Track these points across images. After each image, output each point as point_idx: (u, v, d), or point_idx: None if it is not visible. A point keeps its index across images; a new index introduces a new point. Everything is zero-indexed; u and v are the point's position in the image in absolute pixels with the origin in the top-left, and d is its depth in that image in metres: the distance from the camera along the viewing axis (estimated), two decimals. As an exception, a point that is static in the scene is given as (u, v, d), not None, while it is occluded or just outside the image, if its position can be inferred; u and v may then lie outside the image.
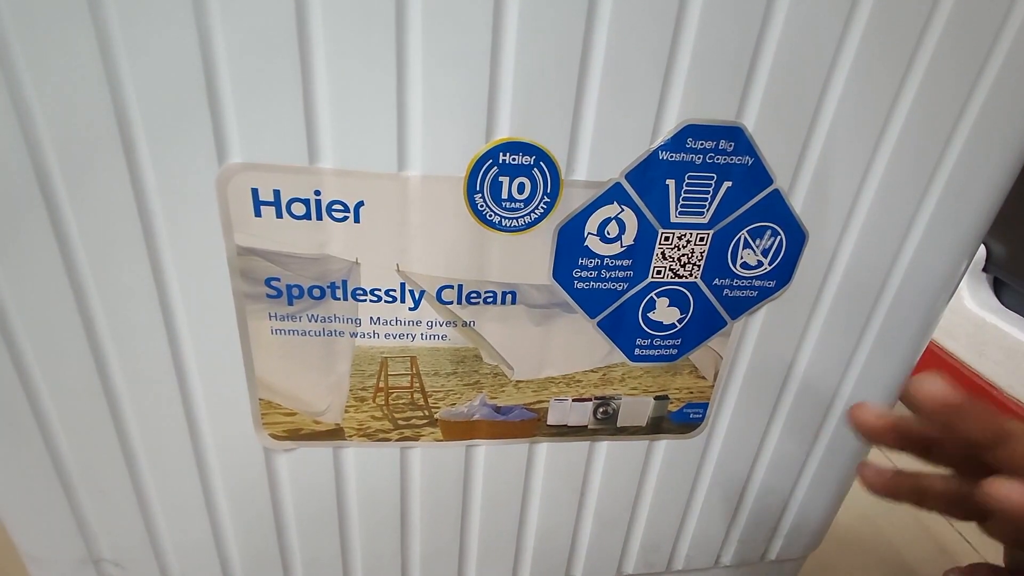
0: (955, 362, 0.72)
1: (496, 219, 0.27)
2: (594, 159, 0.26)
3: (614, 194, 0.27)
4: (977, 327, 0.70)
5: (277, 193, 0.25)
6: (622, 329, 0.31)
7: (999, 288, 0.72)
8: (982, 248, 0.70)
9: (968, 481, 0.24)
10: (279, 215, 0.25)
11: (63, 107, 0.22)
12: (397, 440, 0.32)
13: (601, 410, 0.33)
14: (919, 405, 0.23)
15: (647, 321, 0.31)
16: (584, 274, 0.29)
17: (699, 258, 0.29)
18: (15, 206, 0.24)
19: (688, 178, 0.27)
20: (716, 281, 0.30)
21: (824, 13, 0.24)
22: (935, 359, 0.75)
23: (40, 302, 0.26)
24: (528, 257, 0.28)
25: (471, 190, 0.26)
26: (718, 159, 0.27)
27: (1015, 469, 0.21)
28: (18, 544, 0.32)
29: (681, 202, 0.28)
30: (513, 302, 0.29)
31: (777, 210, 0.29)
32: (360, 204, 0.26)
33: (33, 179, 0.23)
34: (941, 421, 0.23)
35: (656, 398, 0.33)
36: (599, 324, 0.30)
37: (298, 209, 0.25)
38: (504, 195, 0.26)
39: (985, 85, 0.27)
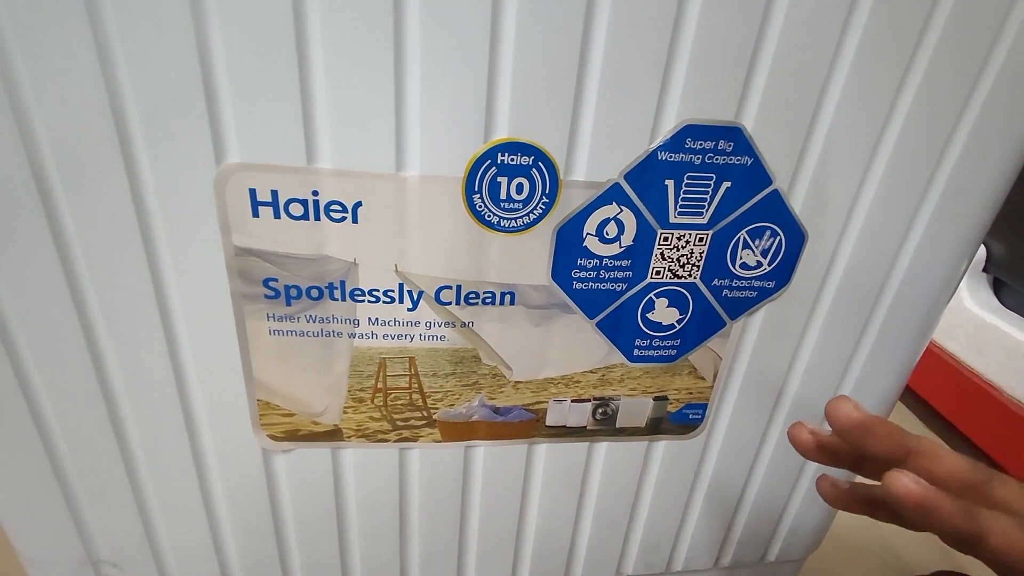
0: (955, 362, 0.72)
1: (495, 219, 0.27)
2: (593, 159, 0.26)
3: (613, 194, 0.27)
4: (977, 327, 0.70)
5: (275, 193, 0.25)
6: (621, 330, 0.31)
7: (999, 288, 0.72)
8: (982, 248, 0.70)
9: None
10: (277, 215, 0.25)
11: (61, 108, 0.22)
12: (396, 441, 0.32)
13: (600, 411, 0.33)
14: (831, 424, 0.25)
15: (646, 322, 0.31)
16: (583, 274, 0.29)
17: (698, 258, 0.29)
18: (13, 208, 0.23)
19: (687, 178, 0.27)
20: (715, 281, 0.30)
21: (823, 13, 0.24)
22: (935, 359, 0.75)
23: (38, 303, 0.26)
24: (527, 257, 0.28)
25: (469, 190, 0.26)
26: (717, 159, 0.27)
27: None
28: (16, 547, 0.32)
29: (680, 202, 0.28)
30: (512, 303, 0.29)
31: (776, 210, 0.29)
32: (358, 204, 0.26)
33: (31, 180, 0.23)
34: (851, 439, 0.24)
35: (655, 399, 0.33)
36: (598, 325, 0.30)
37: (296, 209, 0.25)
38: (502, 195, 0.26)
39: (985, 85, 0.27)
